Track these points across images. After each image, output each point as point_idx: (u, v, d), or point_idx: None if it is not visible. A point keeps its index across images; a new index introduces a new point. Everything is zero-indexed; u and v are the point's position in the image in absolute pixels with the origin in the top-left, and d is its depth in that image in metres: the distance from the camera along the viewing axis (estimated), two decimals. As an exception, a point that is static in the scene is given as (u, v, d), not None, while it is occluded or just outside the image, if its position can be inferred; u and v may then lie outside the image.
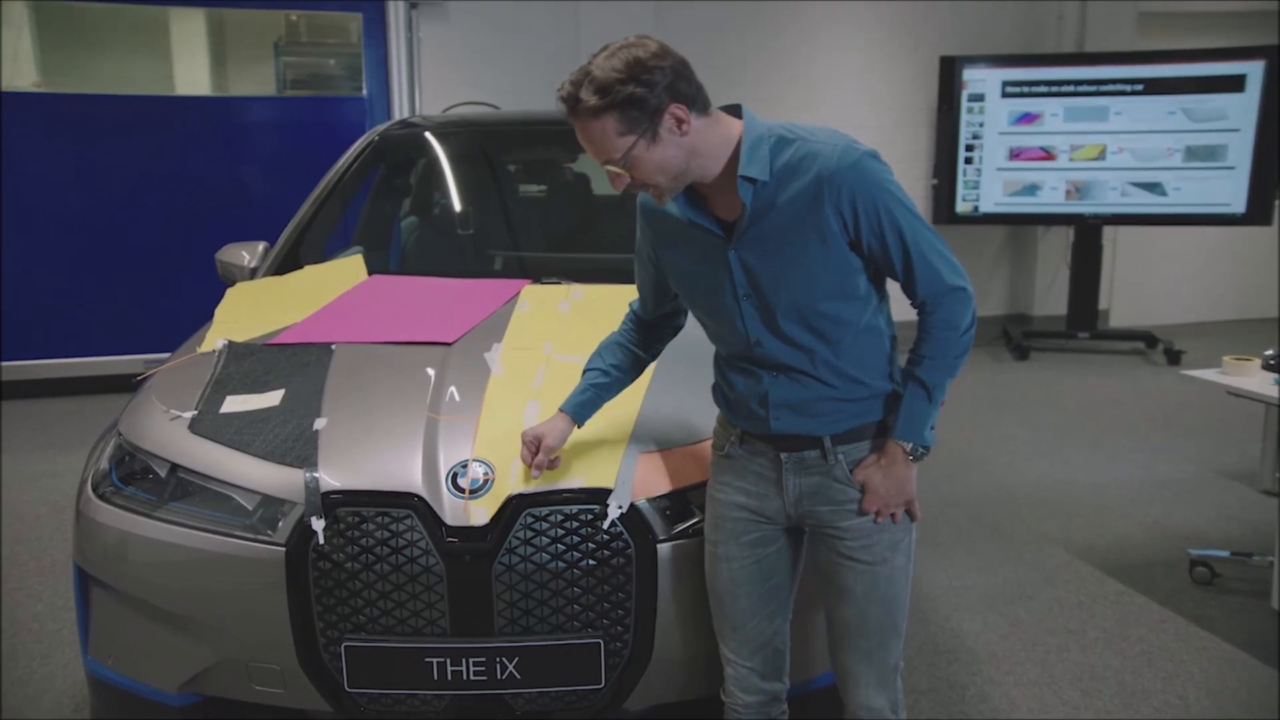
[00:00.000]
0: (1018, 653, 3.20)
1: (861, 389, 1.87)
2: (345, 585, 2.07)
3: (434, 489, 2.09)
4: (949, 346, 1.83)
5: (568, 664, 2.09)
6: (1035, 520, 4.28)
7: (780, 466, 1.91)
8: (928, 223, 1.81)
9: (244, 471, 2.17)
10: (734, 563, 1.97)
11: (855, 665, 1.97)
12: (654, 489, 2.13)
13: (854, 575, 1.92)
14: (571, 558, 2.07)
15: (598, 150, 1.71)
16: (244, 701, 2.21)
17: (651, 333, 2.12)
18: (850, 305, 1.82)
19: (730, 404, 1.96)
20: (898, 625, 1.96)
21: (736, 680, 2.03)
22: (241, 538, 2.11)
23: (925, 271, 1.79)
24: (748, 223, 1.78)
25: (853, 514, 1.90)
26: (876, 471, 1.88)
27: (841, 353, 1.84)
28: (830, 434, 1.87)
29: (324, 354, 2.58)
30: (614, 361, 2.11)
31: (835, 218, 1.75)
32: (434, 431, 2.21)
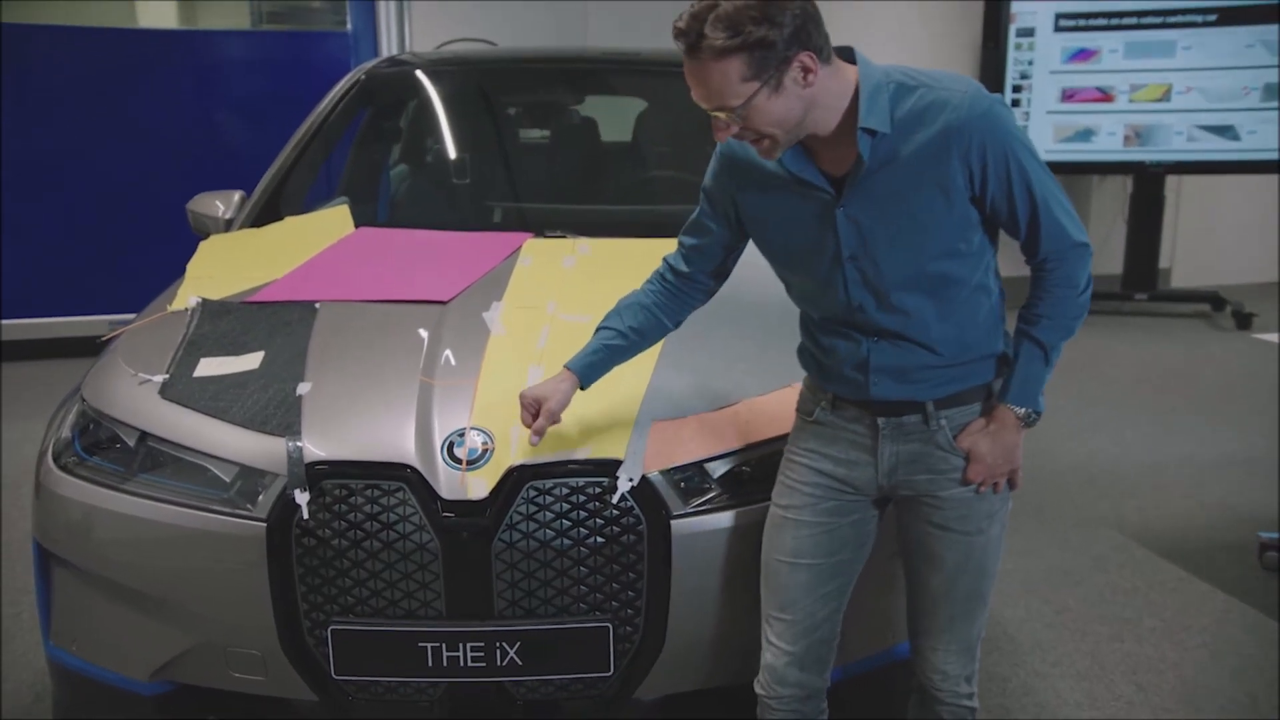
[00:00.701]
0: (1065, 643, 3.23)
1: (969, 352, 1.90)
2: (332, 564, 2.09)
3: (428, 459, 2.11)
4: (1067, 306, 1.88)
5: (573, 650, 2.12)
6: (1085, 500, 4.30)
7: (876, 433, 1.95)
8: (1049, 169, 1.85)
9: (220, 440, 2.19)
10: (804, 529, 2.00)
11: (937, 632, 2.03)
12: (668, 460, 2.14)
13: (946, 545, 1.97)
14: (578, 534, 2.09)
15: (711, 95, 1.70)
16: (221, 690, 2.25)
17: (683, 296, 2.13)
18: (963, 263, 1.85)
19: (822, 368, 1.99)
20: (985, 595, 2.02)
21: (773, 670, 2.05)
22: (218, 512, 2.13)
23: (1051, 228, 1.83)
24: (863, 178, 1.80)
25: (953, 483, 1.94)
26: (984, 438, 1.92)
27: (950, 314, 1.87)
28: (933, 399, 1.91)
29: (307, 313, 2.59)
30: (633, 324, 2.10)
31: (962, 171, 1.77)
32: (428, 397, 2.23)
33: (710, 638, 2.19)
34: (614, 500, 2.09)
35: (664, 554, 2.11)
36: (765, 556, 2.05)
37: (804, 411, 2.05)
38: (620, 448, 2.14)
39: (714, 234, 2.05)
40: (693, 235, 2.09)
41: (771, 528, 2.05)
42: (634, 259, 2.43)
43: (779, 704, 2.06)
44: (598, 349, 2.11)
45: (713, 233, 2.05)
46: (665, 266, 2.13)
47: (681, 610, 2.14)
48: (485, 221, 3.46)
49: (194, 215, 3.38)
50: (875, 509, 2.04)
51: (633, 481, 2.10)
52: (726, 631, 2.18)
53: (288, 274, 2.83)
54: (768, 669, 2.06)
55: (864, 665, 2.32)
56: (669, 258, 2.13)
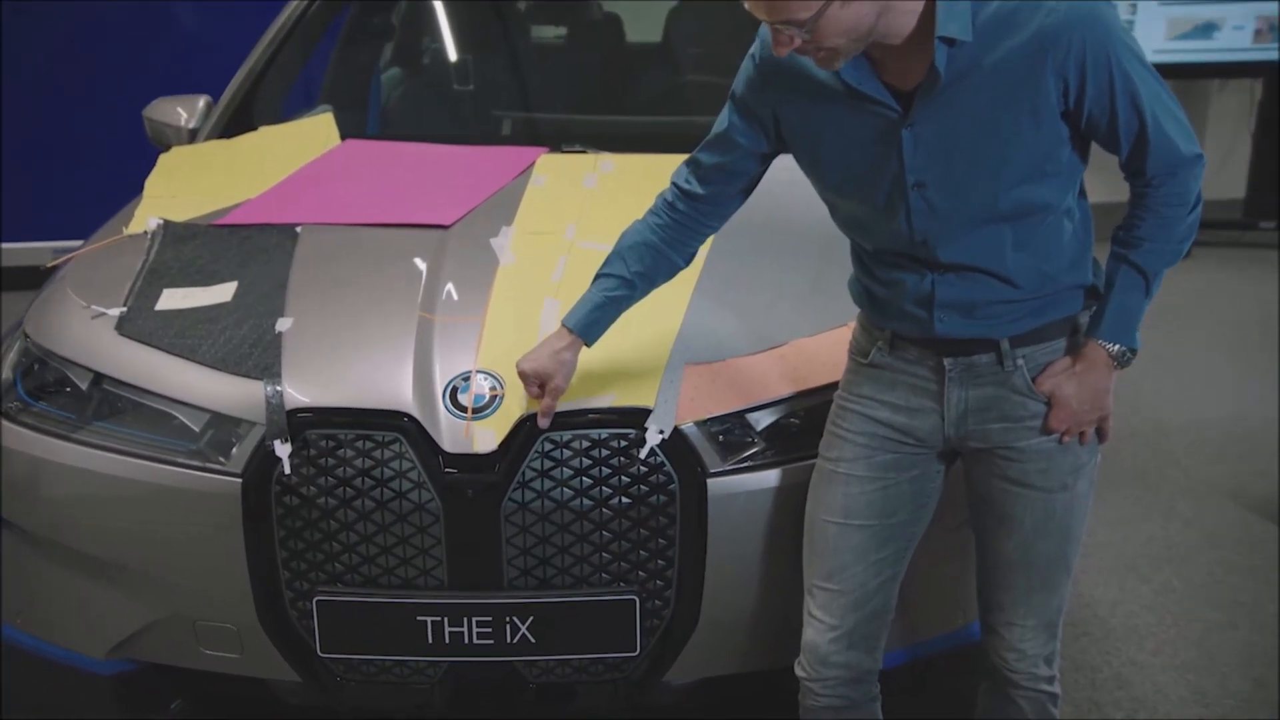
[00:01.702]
0: (1167, 629, 3.25)
1: (1050, 284, 1.92)
2: (317, 526, 2.14)
3: (428, 407, 2.16)
4: (1174, 227, 1.89)
5: (595, 626, 2.17)
6: (1195, 464, 4.30)
7: (942, 376, 1.97)
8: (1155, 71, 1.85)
9: (188, 383, 2.24)
10: (856, 485, 2.03)
11: (1011, 605, 2.06)
12: (704, 409, 2.18)
13: (1024, 504, 2.00)
14: (600, 494, 2.13)
15: (776, 7, 1.71)
16: (190, 669, 2.32)
17: (695, 225, 2.14)
18: (1049, 186, 1.86)
19: (877, 303, 2.01)
20: (1068, 563, 2.05)
21: (815, 648, 2.08)
22: (186, 466, 2.18)
23: (1160, 144, 1.84)
24: (937, 92, 1.80)
25: (1032, 432, 1.95)
26: (1069, 380, 1.94)
27: (1029, 242, 1.88)
28: (1009, 335, 1.93)
29: (287, 238, 2.63)
30: (640, 269, 2.10)
31: (1056, 84, 1.78)
32: (428, 335, 2.27)
33: (751, 613, 2.23)
34: (642, 455, 2.13)
35: (699, 517, 2.15)
36: (810, 516, 2.08)
37: (858, 353, 2.08)
38: (649, 395, 2.17)
39: (743, 151, 2.05)
40: (715, 151, 2.08)
41: (818, 484, 2.08)
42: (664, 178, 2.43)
43: (823, 688, 2.09)
44: (600, 303, 2.12)
45: (741, 149, 2.05)
46: (674, 193, 2.13)
47: (719, 581, 2.18)
48: (492, 134, 3.48)
49: (152, 124, 3.42)
50: (940, 464, 2.07)
51: (663, 434, 2.14)
52: (771, 607, 2.22)
53: (263, 193, 2.87)
54: (809, 648, 2.09)
55: (930, 648, 2.37)
56: (678, 181, 2.13)
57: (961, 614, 2.35)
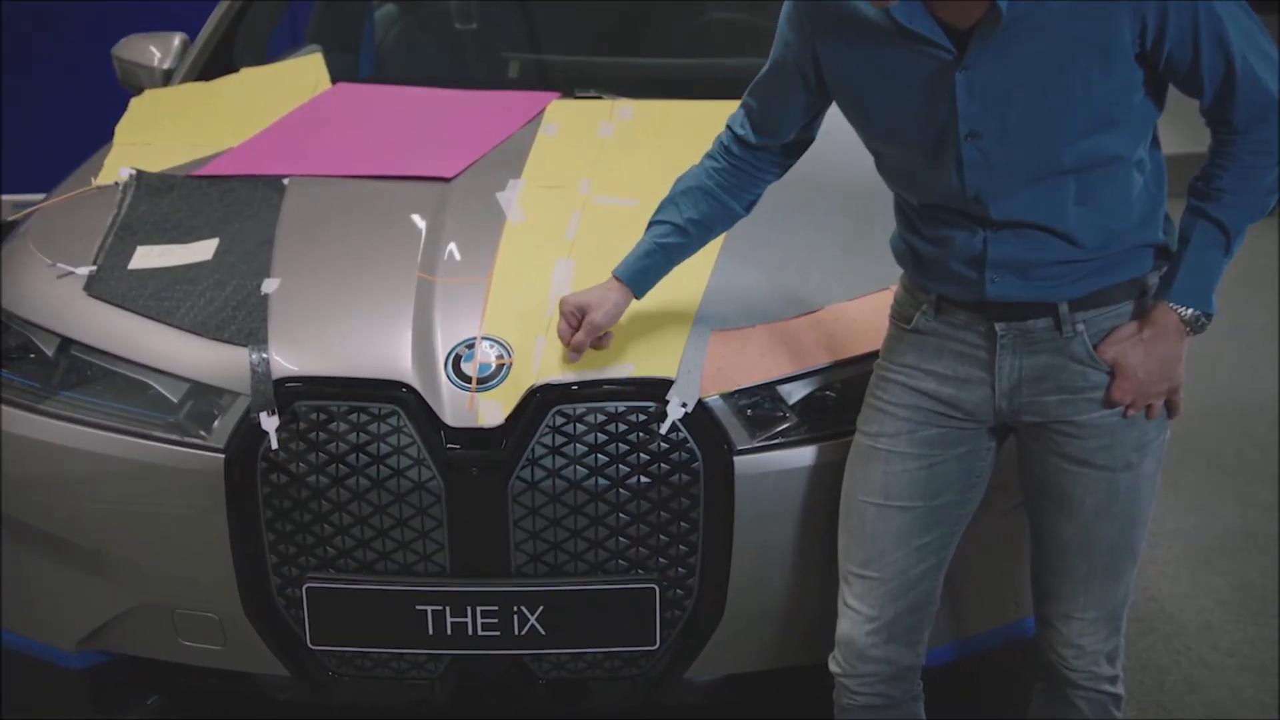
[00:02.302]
0: (1244, 627, 3.25)
1: (1117, 242, 1.92)
2: (307, 506, 2.16)
3: (429, 377, 2.18)
4: (1261, 178, 1.89)
5: (611, 617, 2.20)
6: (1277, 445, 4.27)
7: (994, 343, 1.97)
8: None
9: (165, 349, 2.26)
10: (898, 463, 2.04)
11: (1070, 596, 2.07)
12: (732, 381, 2.19)
13: (1084, 484, 2.00)
14: (617, 473, 2.14)
15: None
16: (168, 662, 2.35)
17: (753, 172, 2.15)
18: (1118, 136, 1.86)
19: (923, 264, 2.02)
20: (1133, 549, 2.05)
21: (850, 642, 2.08)
22: (163, 440, 2.20)
23: (1249, 87, 1.83)
24: (997, 33, 1.80)
25: (1094, 405, 1.95)
26: (1135, 347, 1.93)
27: (1093, 195, 1.88)
28: (1068, 298, 1.93)
29: (273, 191, 2.65)
30: (694, 215, 2.12)
31: (1131, 23, 1.78)
32: (428, 298, 2.28)
33: (782, 604, 2.25)
34: (663, 430, 2.15)
35: (725, 498, 2.16)
36: (847, 497, 2.10)
37: (900, 318, 2.08)
38: (671, 364, 2.19)
39: (788, 95, 2.06)
40: (761, 96, 2.10)
41: (856, 461, 2.09)
42: (689, 126, 2.45)
43: (859, 685, 2.10)
44: (651, 249, 2.14)
45: (786, 93, 2.06)
46: (729, 136, 2.15)
47: (746, 569, 2.20)
48: (498, 77, 3.49)
49: (122, 64, 3.43)
50: (991, 440, 2.07)
51: (686, 407, 2.15)
52: (803, 597, 2.24)
53: (246, 141, 2.89)
54: (845, 642, 2.10)
55: (979, 643, 2.38)
56: (732, 124, 2.15)
57: (1014, 606, 2.36)
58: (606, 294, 2.13)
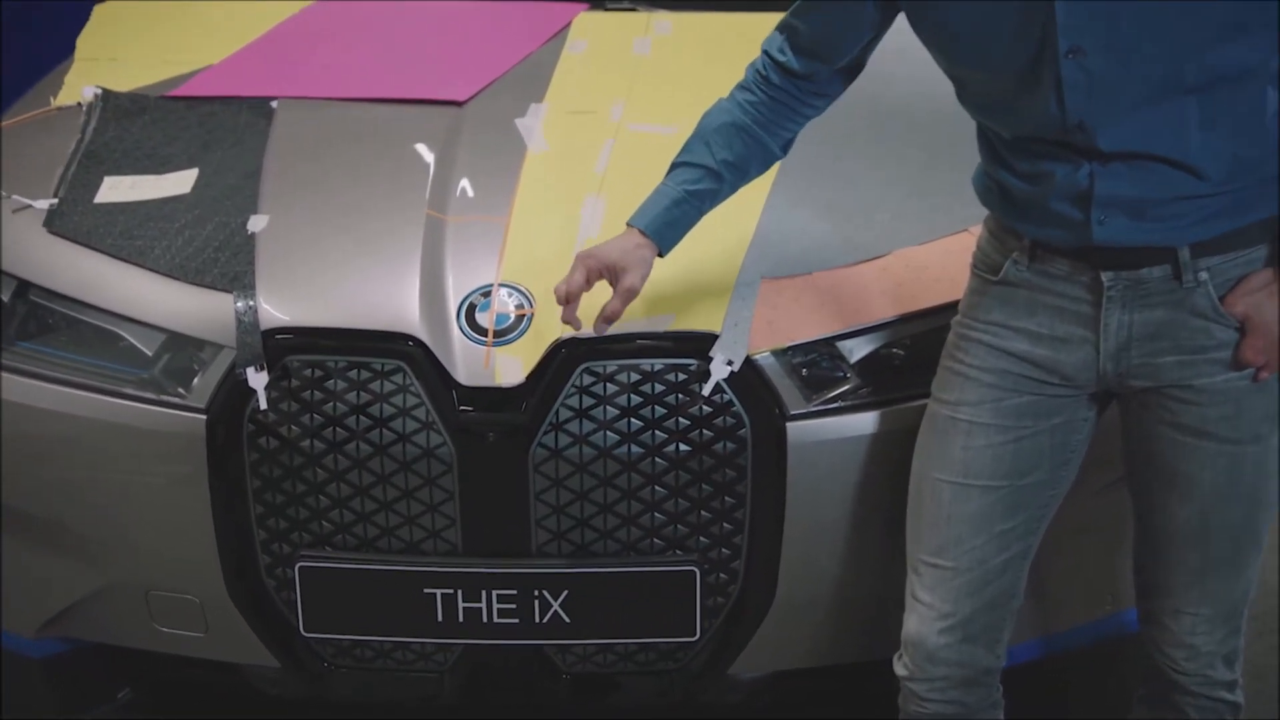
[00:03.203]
0: None
1: (1248, 173, 1.88)
2: (300, 474, 2.17)
3: (439, 329, 2.18)
4: None
5: (645, 603, 2.20)
6: None
7: (1100, 295, 1.93)
8: None
9: (138, 295, 2.27)
10: (980, 436, 2.01)
11: (1181, 589, 2.04)
12: (784, 336, 2.19)
13: (1202, 459, 1.97)
14: (653, 440, 2.14)
15: None
16: (141, 651, 2.37)
17: (792, 103, 2.12)
18: (1251, 45, 1.82)
19: (1015, 203, 1.98)
20: (1258, 536, 2.02)
21: (920, 642, 2.06)
22: (136, 399, 2.21)
23: None
24: None
25: (1217, 367, 1.91)
26: (1270, 299, 1.88)
27: (1224, 121, 1.84)
28: (1190, 242, 1.90)
29: (260, 115, 2.65)
30: (728, 155, 2.09)
31: None
32: (438, 240, 2.28)
33: (839, 593, 2.26)
34: (705, 392, 2.15)
35: (776, 470, 2.16)
36: (918, 474, 2.08)
37: (985, 267, 2.05)
38: (715, 317, 2.19)
39: (844, 13, 2.04)
40: (809, 15, 2.07)
41: (930, 433, 2.07)
42: (735, 42, 2.40)
43: (929, 691, 2.08)
44: (680, 198, 2.10)
45: (841, 12, 2.04)
46: (766, 63, 2.12)
47: (800, 551, 2.20)
48: (516, -15, 3.47)
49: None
50: (1090, 409, 2.04)
51: (732, 365, 2.15)
52: (864, 585, 2.25)
53: (229, 57, 2.88)
54: (913, 641, 2.07)
55: (1070, 640, 2.38)
56: (770, 49, 2.12)
57: (1110, 598, 2.36)
58: (636, 251, 2.08)
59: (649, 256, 2.08)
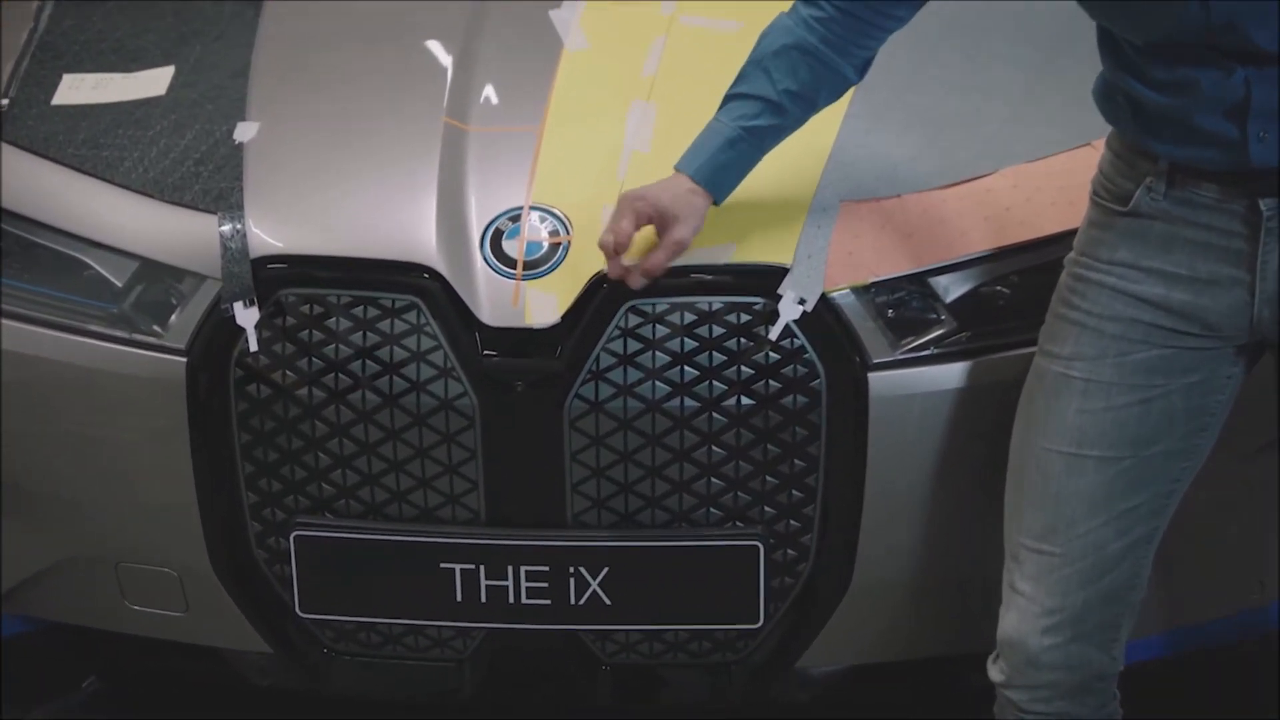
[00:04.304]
0: None
1: None
2: (296, 428, 2.17)
3: (459, 259, 2.17)
4: None
5: (699, 584, 2.20)
6: None
7: (1256, 227, 1.90)
8: None
9: (105, 216, 2.28)
10: (1098, 397, 1.98)
11: None
12: (867, 270, 2.18)
13: None
14: (710, 392, 2.14)
15: None
16: (110, 633, 2.38)
17: (871, 18, 2.09)
18: None
19: (1149, 118, 1.93)
20: None
21: (1019, 640, 2.04)
22: (104, 338, 2.22)
23: None
24: None
25: None
26: None
27: None
28: None
29: (246, 3, 2.63)
30: (792, 85, 2.08)
31: None
32: (458, 153, 2.27)
33: (928, 574, 2.26)
34: (773, 336, 2.13)
35: (855, 429, 2.16)
36: (1022, 441, 2.05)
37: (1109, 195, 2.02)
38: (785, 246, 2.17)
39: None
40: None
41: (1038, 392, 2.04)
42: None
43: (1030, 700, 2.05)
44: (733, 137, 2.09)
45: None
46: None
47: (881, 523, 2.20)
48: None
49: None
50: (1236, 363, 2.01)
51: (805, 305, 2.14)
52: (957, 566, 2.25)
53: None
54: (1012, 641, 2.05)
55: (1205, 636, 2.36)
56: None
57: (1258, 586, 2.33)
58: (689, 198, 2.08)
59: (701, 205, 2.09)
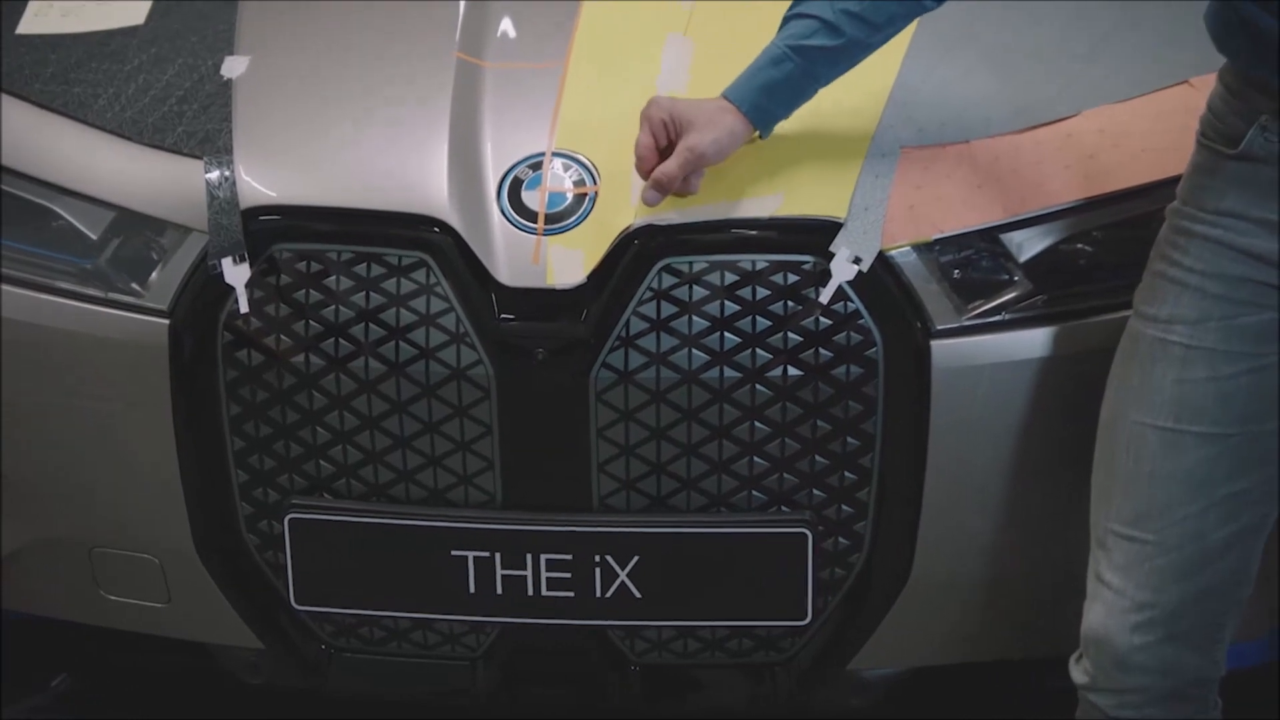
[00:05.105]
0: None
1: None
2: (291, 399, 2.17)
3: (473, 212, 2.17)
4: None
5: (740, 576, 2.20)
6: None
7: None
8: None
9: (78, 160, 2.28)
10: (1201, 366, 1.96)
11: None
12: (931, 224, 2.17)
13: None
14: (753, 361, 2.13)
15: None
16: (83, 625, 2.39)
17: None
18: None
19: (1267, 45, 1.89)
20: None
21: (1106, 637, 2.02)
22: (76, 297, 2.24)
23: None
24: None
25: None
26: None
27: None
28: None
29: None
30: (850, 5, 2.07)
31: None
32: (472, 93, 2.28)
33: (998, 567, 2.25)
34: (824, 299, 2.13)
35: (915, 403, 2.15)
36: (1113, 415, 2.04)
37: (1218, 137, 2.00)
38: (839, 198, 2.16)
39: None
40: None
41: (1131, 359, 2.03)
42: None
43: (1119, 706, 2.04)
44: (778, 56, 2.09)
45: None
46: None
47: (945, 508, 2.20)
48: None
49: None
50: None
51: (860, 265, 2.13)
52: (1031, 557, 2.24)
53: None
54: (1098, 639, 2.04)
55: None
56: None
57: None
58: (719, 116, 2.09)
59: (737, 128, 2.09)
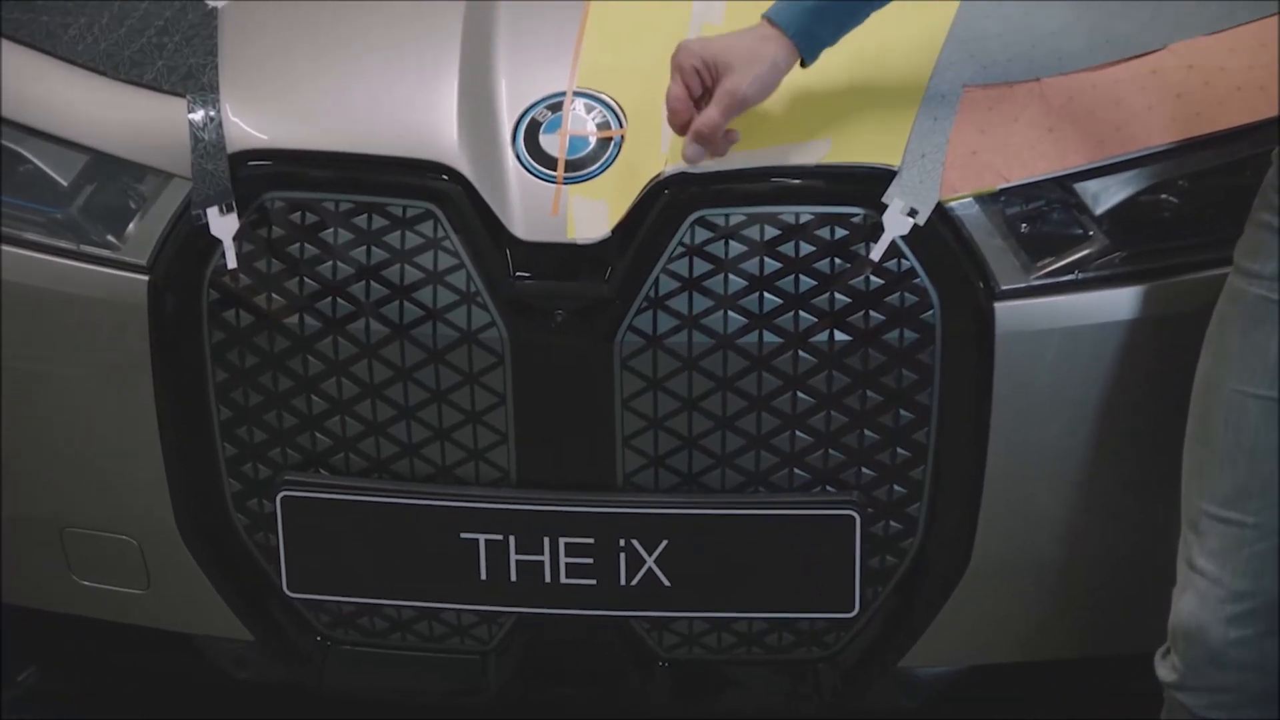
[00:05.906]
0: None
1: None
2: (284, 365, 2.19)
3: (486, 157, 2.17)
4: None
5: (780, 563, 2.21)
6: None
7: None
8: None
9: (47, 99, 2.30)
10: None
11: None
12: (995, 173, 2.16)
13: None
14: (796, 325, 2.14)
15: None
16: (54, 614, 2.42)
17: None
18: None
19: None
20: None
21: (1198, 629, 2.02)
22: (46, 250, 2.26)
23: None
24: None
25: None
26: None
27: None
28: None
29: None
30: None
31: None
32: (484, 27, 2.28)
33: (1069, 553, 2.25)
34: (875, 255, 2.13)
35: (977, 372, 2.15)
36: (1207, 383, 2.03)
37: None
38: (892, 146, 2.16)
39: None
40: None
41: (1230, 321, 2.01)
42: None
43: (1210, 706, 2.04)
44: None
45: None
46: None
47: (1009, 491, 2.20)
48: None
49: None
50: None
51: (916, 217, 2.13)
52: (1107, 543, 2.24)
53: None
54: (1188, 630, 2.03)
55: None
56: None
57: None
58: (755, 47, 2.08)
59: (778, 59, 2.08)
